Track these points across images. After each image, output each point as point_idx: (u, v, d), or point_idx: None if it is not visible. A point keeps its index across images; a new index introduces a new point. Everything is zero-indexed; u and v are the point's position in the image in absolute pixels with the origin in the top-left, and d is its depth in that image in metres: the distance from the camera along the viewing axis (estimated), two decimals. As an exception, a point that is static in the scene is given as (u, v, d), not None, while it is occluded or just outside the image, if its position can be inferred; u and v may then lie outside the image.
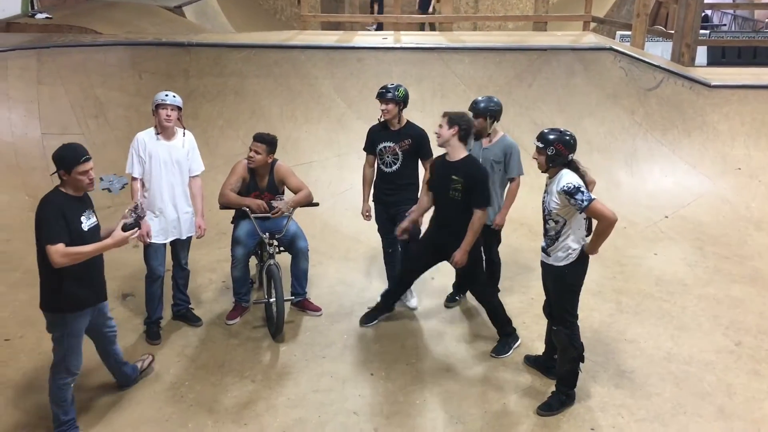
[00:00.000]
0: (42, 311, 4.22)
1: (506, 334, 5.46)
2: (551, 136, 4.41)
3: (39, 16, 10.97)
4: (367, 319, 5.83)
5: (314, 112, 8.66)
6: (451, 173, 5.08)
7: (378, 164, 5.85)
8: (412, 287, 6.08)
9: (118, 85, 8.54)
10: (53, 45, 8.55)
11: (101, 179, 4.49)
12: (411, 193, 5.82)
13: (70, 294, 4.12)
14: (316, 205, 5.86)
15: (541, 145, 4.42)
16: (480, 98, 5.63)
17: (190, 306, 5.84)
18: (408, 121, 5.82)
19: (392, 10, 12.01)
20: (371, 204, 5.99)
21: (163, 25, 11.83)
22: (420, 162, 5.83)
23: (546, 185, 4.58)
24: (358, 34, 10.38)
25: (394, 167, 5.75)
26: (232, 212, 5.81)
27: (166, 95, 5.27)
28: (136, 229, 4.23)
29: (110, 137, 8.20)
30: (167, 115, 5.24)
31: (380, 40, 9.46)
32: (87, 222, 4.15)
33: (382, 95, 5.66)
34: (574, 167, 4.45)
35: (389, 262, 6.10)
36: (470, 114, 5.32)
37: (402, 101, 5.68)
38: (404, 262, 5.82)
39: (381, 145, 5.75)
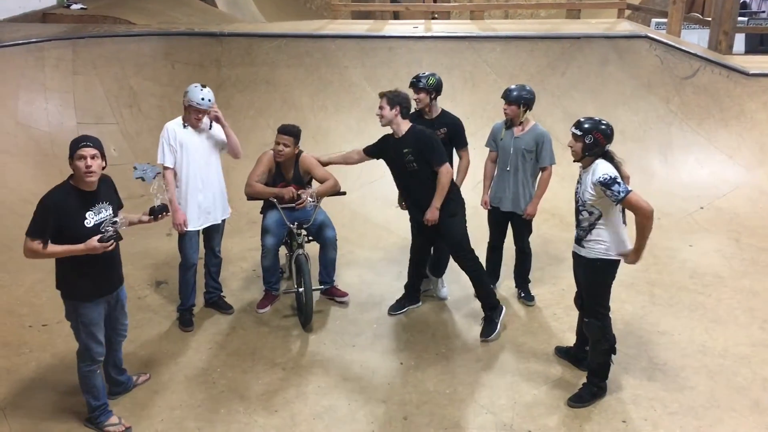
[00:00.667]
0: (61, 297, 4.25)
1: (492, 306, 5.47)
2: (589, 125, 4.33)
3: (74, 6, 11.13)
4: (395, 307, 5.85)
5: (345, 101, 8.66)
6: (401, 148, 5.23)
7: None
8: (443, 277, 6.08)
9: (151, 75, 8.64)
10: (88, 35, 8.67)
11: (135, 168, 4.50)
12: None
13: (79, 284, 4.13)
14: (344, 194, 5.86)
15: (579, 133, 4.33)
16: (513, 86, 5.60)
17: (222, 294, 5.90)
18: (443, 109, 5.80)
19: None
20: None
21: (196, 15, 11.93)
22: (455, 151, 5.80)
23: (579, 175, 4.51)
24: (389, 23, 10.34)
25: None
26: (261, 202, 5.84)
27: (203, 99, 5.16)
28: (113, 242, 4.05)
29: (144, 126, 8.30)
30: (199, 119, 5.28)
31: (411, 29, 9.42)
32: (95, 217, 4.06)
33: (414, 85, 5.67)
34: (609, 157, 4.38)
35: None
36: (409, 90, 5.48)
37: (433, 90, 5.66)
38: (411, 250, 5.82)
39: None
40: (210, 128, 5.41)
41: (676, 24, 10.30)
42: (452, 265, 6.17)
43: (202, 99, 5.18)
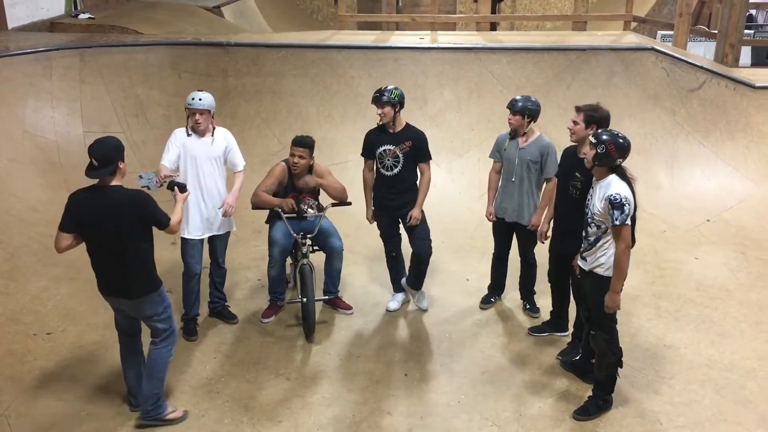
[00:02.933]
0: (140, 298, 4.32)
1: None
2: (605, 136, 4.34)
3: (82, 16, 11.18)
4: (535, 329, 5.71)
5: (351, 112, 8.68)
6: (575, 169, 4.91)
7: (378, 168, 5.80)
8: (423, 289, 6.07)
9: (158, 85, 8.67)
10: (96, 45, 8.70)
11: (141, 177, 4.54)
12: (413, 196, 5.79)
13: (155, 271, 4.40)
14: (349, 204, 5.86)
15: (593, 141, 4.36)
16: (518, 97, 5.60)
17: (226, 303, 5.90)
18: (407, 123, 5.78)
19: (429, 9, 11.96)
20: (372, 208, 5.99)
21: (202, 25, 11.97)
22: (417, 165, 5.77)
23: (592, 187, 4.50)
24: (395, 34, 10.37)
25: (395, 170, 5.71)
26: (266, 213, 5.85)
27: (193, 99, 5.26)
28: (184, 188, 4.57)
29: (150, 136, 8.32)
30: (197, 121, 5.31)
31: (417, 40, 9.44)
32: None
33: (377, 99, 5.59)
34: (622, 173, 4.37)
35: (393, 266, 6.09)
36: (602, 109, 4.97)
37: (398, 103, 5.61)
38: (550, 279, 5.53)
39: (381, 149, 5.71)
40: (213, 140, 5.43)
41: (682, 36, 10.30)
42: (455, 274, 6.16)
43: (192, 99, 5.27)
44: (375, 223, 5.98)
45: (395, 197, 5.77)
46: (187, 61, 8.84)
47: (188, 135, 5.37)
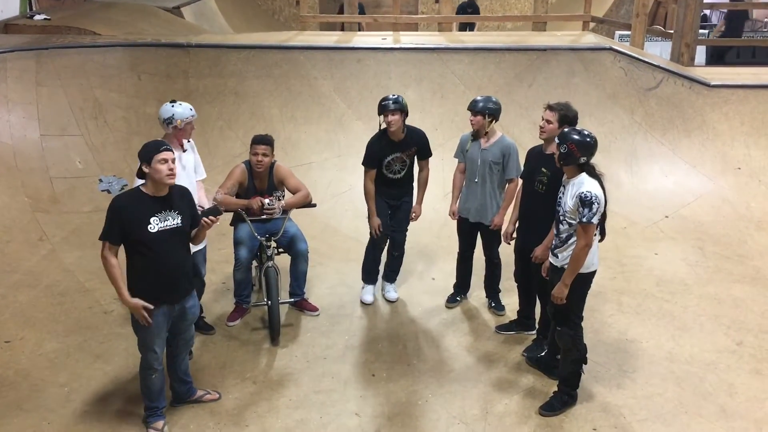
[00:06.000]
0: None
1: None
2: (568, 135, 4.38)
3: (37, 17, 10.93)
4: (503, 327, 5.74)
5: (314, 112, 8.65)
6: (541, 165, 5.00)
7: (383, 172, 5.82)
8: (396, 279, 6.21)
9: (117, 87, 8.53)
10: (52, 46, 8.53)
11: (100, 180, 4.49)
12: (411, 186, 6.00)
13: (138, 285, 4.17)
14: (314, 206, 5.82)
15: (557, 141, 4.43)
16: (479, 97, 5.64)
17: (202, 315, 5.70)
18: (407, 126, 5.81)
19: (391, 10, 11.97)
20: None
21: (162, 26, 11.80)
22: (417, 161, 5.93)
23: (563, 185, 4.56)
24: (357, 35, 10.37)
25: (402, 173, 5.83)
26: (230, 215, 5.79)
27: (191, 109, 5.09)
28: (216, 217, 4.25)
29: (109, 138, 8.19)
30: (192, 128, 5.21)
31: (380, 40, 9.46)
32: (160, 223, 4.09)
33: (386, 107, 5.56)
34: (592, 171, 4.43)
35: (374, 257, 6.10)
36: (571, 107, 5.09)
37: (406, 110, 5.67)
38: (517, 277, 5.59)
39: (390, 158, 5.74)
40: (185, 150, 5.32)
41: (639, 36, 10.49)
42: (421, 274, 6.17)
43: (191, 109, 5.11)
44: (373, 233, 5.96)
45: (396, 190, 5.90)
46: (146, 63, 8.72)
47: (184, 150, 5.19)
